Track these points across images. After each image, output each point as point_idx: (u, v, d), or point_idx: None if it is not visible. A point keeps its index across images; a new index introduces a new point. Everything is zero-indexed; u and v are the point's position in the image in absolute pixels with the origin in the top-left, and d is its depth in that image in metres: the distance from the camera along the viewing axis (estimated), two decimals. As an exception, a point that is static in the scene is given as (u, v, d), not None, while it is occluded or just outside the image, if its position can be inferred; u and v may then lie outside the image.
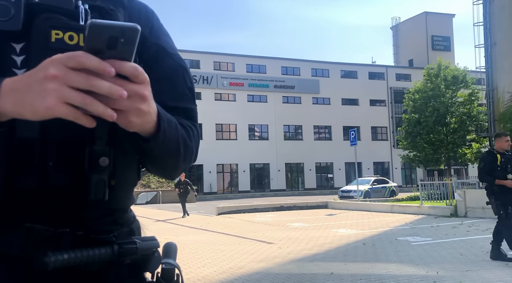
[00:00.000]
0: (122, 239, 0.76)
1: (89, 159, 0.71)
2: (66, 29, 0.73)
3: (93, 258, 0.71)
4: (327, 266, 6.14)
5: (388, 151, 44.03)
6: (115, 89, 0.61)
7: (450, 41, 50.86)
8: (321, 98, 42.69)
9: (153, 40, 0.89)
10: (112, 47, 0.61)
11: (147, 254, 0.78)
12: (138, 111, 0.65)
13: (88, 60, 0.60)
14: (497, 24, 22.23)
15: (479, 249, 7.10)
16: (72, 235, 0.73)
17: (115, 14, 0.81)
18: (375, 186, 25.46)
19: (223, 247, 8.21)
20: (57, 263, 0.67)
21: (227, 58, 40.02)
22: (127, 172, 0.81)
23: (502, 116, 21.20)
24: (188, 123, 0.88)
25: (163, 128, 0.74)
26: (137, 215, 0.92)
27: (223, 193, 37.60)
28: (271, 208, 17.47)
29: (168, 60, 0.90)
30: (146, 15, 0.91)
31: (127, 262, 0.76)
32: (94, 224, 0.76)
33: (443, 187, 14.76)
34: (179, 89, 0.91)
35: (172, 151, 0.80)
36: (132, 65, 0.63)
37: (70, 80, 0.60)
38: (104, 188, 0.72)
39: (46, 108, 0.60)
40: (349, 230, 10.35)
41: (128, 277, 0.80)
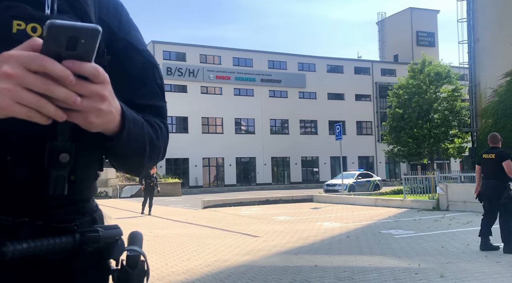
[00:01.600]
0: (84, 228, 0.76)
1: (49, 154, 0.69)
2: (29, 20, 0.71)
3: (53, 247, 0.70)
4: (311, 259, 6.20)
5: (373, 146, 44.49)
6: (71, 95, 0.61)
7: (434, 37, 51.43)
8: (308, 93, 42.82)
9: (122, 35, 0.87)
10: (72, 48, 0.60)
11: (110, 242, 0.78)
12: (97, 112, 0.65)
13: (52, 67, 0.59)
14: (480, 21, 22.55)
15: (460, 242, 7.26)
16: (31, 224, 0.72)
17: (77, 1, 0.78)
18: (359, 180, 25.74)
19: (209, 241, 8.23)
20: (16, 252, 0.66)
21: (214, 51, 39.77)
22: (89, 166, 0.81)
23: (484, 112, 21.58)
24: (157, 122, 0.87)
25: (127, 128, 0.74)
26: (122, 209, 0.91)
27: (209, 186, 37.55)
28: (257, 201, 17.53)
29: (138, 56, 0.88)
30: (115, 7, 0.88)
31: (89, 250, 0.76)
32: (56, 214, 0.75)
33: (426, 181, 15.00)
34: (149, 87, 0.89)
35: (137, 149, 0.80)
36: (91, 66, 0.62)
37: (26, 82, 0.58)
38: (63, 183, 0.71)
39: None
40: (333, 223, 10.46)
41: (92, 266, 0.80)
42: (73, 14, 0.76)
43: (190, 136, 37.33)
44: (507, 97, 20.40)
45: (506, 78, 20.50)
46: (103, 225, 0.82)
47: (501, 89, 20.67)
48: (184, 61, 38.12)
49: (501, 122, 20.15)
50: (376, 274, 5.18)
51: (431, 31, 51.21)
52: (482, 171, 6.62)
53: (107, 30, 0.82)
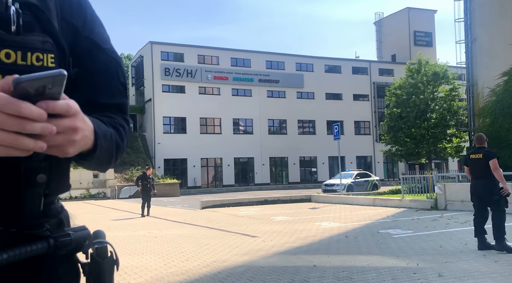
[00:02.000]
0: (55, 232, 0.78)
1: (26, 175, 0.71)
2: (2, 46, 0.71)
3: (30, 253, 0.72)
4: (310, 259, 6.21)
5: (371, 145, 44.53)
6: (46, 127, 0.63)
7: (432, 37, 51.52)
8: (305, 93, 42.83)
9: (86, 33, 0.87)
10: (40, 94, 0.62)
11: (80, 243, 0.81)
12: (72, 143, 0.68)
13: (28, 111, 0.60)
14: (477, 20, 22.61)
15: (458, 241, 7.28)
16: (6, 232, 0.74)
17: (46, 8, 0.78)
18: (357, 179, 25.75)
19: (207, 241, 8.22)
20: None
21: (212, 51, 39.75)
22: (61, 181, 0.84)
23: (482, 111, 21.63)
24: (121, 122, 0.89)
25: (100, 146, 0.76)
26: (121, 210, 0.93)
27: (207, 187, 37.53)
28: (255, 201, 17.53)
29: (102, 55, 0.89)
30: (78, 4, 0.87)
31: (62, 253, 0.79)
32: (25, 219, 0.76)
33: (424, 181, 15.03)
34: (113, 85, 0.91)
35: (106, 158, 0.84)
36: (62, 103, 0.64)
37: (2, 124, 0.60)
38: (39, 201, 0.74)
39: None
40: (332, 223, 10.47)
41: (62, 262, 0.82)
42: (38, 27, 0.76)
43: (188, 136, 37.31)
44: (504, 96, 20.45)
45: (503, 78, 20.56)
46: (72, 227, 0.84)
47: (498, 89, 20.73)
48: (182, 62, 38.09)
49: (498, 122, 20.20)
50: (375, 274, 5.19)
51: (428, 31, 51.29)
52: (470, 171, 6.70)
53: (71, 31, 0.83)
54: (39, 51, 0.74)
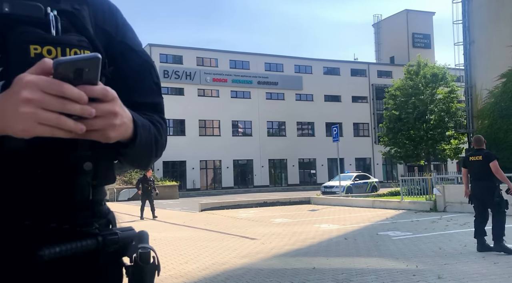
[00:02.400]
0: (103, 230, 0.83)
1: (74, 164, 0.77)
2: (43, 44, 0.77)
3: (81, 249, 0.78)
4: (309, 261, 6.20)
5: (370, 147, 44.55)
6: (85, 108, 0.67)
7: (430, 39, 51.63)
8: (304, 95, 42.86)
9: (119, 38, 0.93)
10: (79, 77, 0.67)
11: (127, 242, 0.86)
12: (113, 127, 0.72)
13: (70, 91, 0.66)
14: (475, 22, 22.67)
15: (457, 243, 7.28)
16: (59, 229, 0.79)
17: (81, 15, 0.85)
18: (357, 181, 25.76)
19: (206, 243, 8.21)
20: (50, 255, 0.74)
21: (210, 53, 39.78)
22: (107, 171, 0.88)
23: (480, 113, 21.66)
24: (158, 119, 0.94)
25: (139, 134, 0.81)
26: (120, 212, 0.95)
27: (206, 189, 37.49)
28: (254, 204, 17.52)
29: (135, 57, 0.95)
30: (110, 12, 0.94)
31: (110, 250, 0.84)
32: (77, 218, 0.82)
33: (423, 182, 15.03)
34: (147, 85, 0.96)
35: (147, 150, 0.88)
36: (99, 88, 0.69)
37: (46, 104, 0.65)
38: (88, 189, 0.80)
39: (22, 130, 0.65)
40: (331, 225, 10.47)
41: (108, 263, 0.87)
42: (74, 31, 0.83)
43: (187, 139, 37.29)
44: (502, 98, 20.49)
45: (501, 80, 20.60)
46: (119, 227, 0.89)
47: (496, 91, 20.76)
48: (181, 64, 38.11)
49: (497, 123, 20.23)
50: (374, 276, 5.19)
51: (427, 33, 51.41)
52: (469, 173, 6.71)
53: (105, 36, 0.90)
54: (76, 47, 0.81)
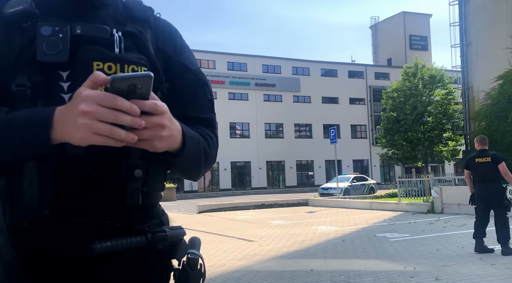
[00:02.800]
0: (153, 228, 0.89)
1: (126, 170, 0.85)
2: (105, 60, 0.86)
3: (131, 245, 0.84)
4: (307, 263, 6.19)
5: (367, 149, 44.61)
6: (136, 120, 0.74)
7: (427, 41, 51.81)
8: (302, 97, 42.91)
9: (177, 58, 1.02)
10: (132, 92, 0.74)
11: (176, 241, 0.92)
12: (160, 138, 0.79)
13: (122, 104, 0.72)
14: (472, 24, 22.76)
15: (454, 245, 7.29)
16: (111, 226, 0.86)
17: (143, 37, 0.94)
18: (354, 183, 25.78)
19: (204, 246, 8.15)
20: (102, 249, 0.81)
21: (208, 55, 39.80)
22: (157, 179, 0.94)
23: (477, 115, 21.73)
24: (208, 133, 1.01)
25: (187, 145, 0.88)
26: None
27: (204, 191, 37.45)
28: (252, 206, 17.50)
29: (190, 75, 1.03)
30: (170, 34, 1.03)
31: (159, 248, 0.90)
32: (130, 217, 0.88)
33: (421, 184, 15.06)
34: (200, 101, 1.04)
35: (195, 161, 0.94)
36: (150, 102, 0.76)
37: (100, 116, 0.72)
38: (138, 194, 0.86)
39: (80, 139, 0.74)
40: (329, 227, 10.46)
41: (158, 263, 0.93)
42: (136, 50, 0.92)
43: (185, 141, 37.25)
44: (499, 100, 20.57)
45: (498, 82, 20.68)
46: (169, 226, 0.95)
47: (493, 92, 20.84)
48: (179, 66, 38.12)
49: (494, 125, 20.30)
50: (372, 278, 5.19)
51: (424, 35, 51.59)
52: (473, 175, 6.63)
53: (163, 56, 0.99)
54: (134, 64, 0.89)
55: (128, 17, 0.95)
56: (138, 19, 0.95)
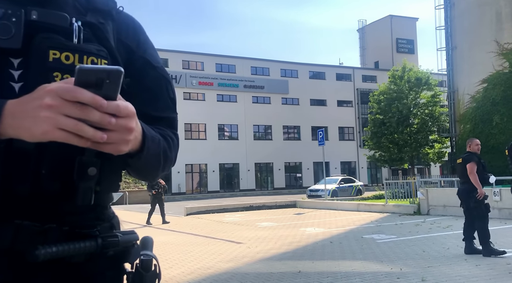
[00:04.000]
0: (104, 233, 0.84)
1: (79, 168, 0.77)
2: (62, 50, 0.81)
3: (79, 250, 0.79)
4: (295, 265, 6.21)
5: (355, 151, 44.93)
6: (104, 117, 0.69)
7: (413, 44, 52.42)
8: (290, 99, 43.06)
9: (140, 53, 0.97)
10: (99, 87, 0.68)
11: (128, 246, 0.87)
12: (126, 142, 0.74)
13: (82, 95, 0.67)
14: (457, 28, 23.11)
15: (440, 246, 7.37)
16: (58, 230, 0.80)
17: (104, 28, 0.89)
18: (342, 185, 25.92)
19: (192, 248, 8.16)
20: (47, 255, 0.75)
21: (196, 57, 39.69)
22: (112, 179, 0.89)
23: (463, 118, 22.05)
24: (169, 133, 0.96)
25: (147, 147, 0.83)
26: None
27: (192, 193, 37.28)
28: (240, 207, 17.48)
29: (153, 72, 0.98)
30: (133, 29, 0.99)
31: (110, 253, 0.84)
32: (79, 220, 0.83)
33: (407, 186, 15.21)
34: (162, 100, 0.99)
35: (154, 163, 0.89)
36: (116, 103, 0.70)
37: (64, 110, 0.67)
38: (90, 194, 0.80)
39: (41, 133, 0.68)
40: (316, 229, 10.50)
41: (110, 268, 0.87)
42: (96, 42, 0.87)
43: (173, 142, 37.05)
44: (484, 103, 20.90)
45: (483, 85, 21.02)
46: (121, 230, 0.90)
47: (478, 96, 21.17)
48: (166, 67, 37.86)
49: (478, 128, 20.62)
50: (359, 279, 5.22)
51: (410, 39, 52.19)
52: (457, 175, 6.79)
53: (126, 50, 0.95)
54: (94, 56, 0.84)
55: (89, 8, 0.90)
56: (99, 10, 0.91)
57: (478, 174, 6.28)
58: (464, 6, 22.44)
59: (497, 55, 20.58)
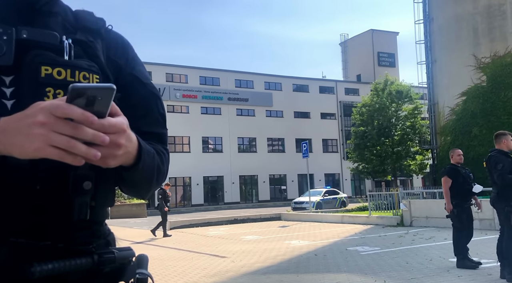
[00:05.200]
0: (100, 249, 0.84)
1: (74, 182, 0.78)
2: (54, 65, 0.82)
3: (75, 267, 0.78)
4: (279, 278, 6.17)
5: (338, 163, 45.24)
6: (98, 135, 0.69)
7: (394, 58, 53.47)
8: (275, 111, 43.28)
9: (129, 70, 0.98)
10: (91, 104, 0.69)
11: (124, 263, 0.86)
12: (114, 157, 0.74)
13: (72, 112, 0.67)
14: (436, 42, 23.70)
15: (423, 257, 7.43)
16: (53, 247, 0.80)
17: (94, 46, 0.91)
18: (326, 197, 26.02)
19: (175, 263, 8.04)
20: (42, 272, 0.74)
21: (180, 70, 39.67)
22: (107, 193, 0.89)
23: (443, 130, 22.49)
24: (161, 149, 0.97)
25: (143, 160, 0.83)
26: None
27: (175, 207, 36.85)
28: (225, 221, 17.35)
29: (142, 89, 0.99)
30: (122, 46, 1.01)
31: (106, 270, 0.83)
32: (75, 237, 0.83)
33: (390, 198, 15.35)
34: (152, 116, 1.00)
35: (148, 177, 0.90)
36: (107, 120, 0.71)
37: (57, 127, 0.67)
38: (86, 209, 0.80)
39: (34, 150, 0.68)
40: (301, 241, 10.48)
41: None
42: (86, 58, 0.89)
43: (156, 155, 36.70)
44: (463, 115, 21.37)
45: (462, 98, 21.51)
46: (117, 247, 0.90)
47: (458, 108, 21.65)
48: (150, 80, 37.73)
49: (458, 140, 21.03)
50: (343, 292, 5.21)
51: (391, 52, 53.24)
52: None
53: (115, 67, 0.97)
54: (85, 71, 0.86)
55: (79, 27, 0.92)
56: (88, 29, 0.93)
57: (458, 186, 6.33)
58: (443, 21, 23.07)
59: (475, 69, 21.15)
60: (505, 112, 20.02)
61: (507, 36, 20.80)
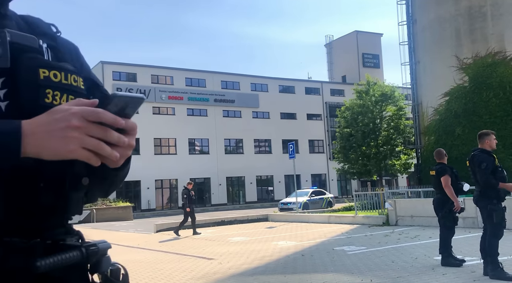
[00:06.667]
0: (84, 243, 0.88)
1: (72, 178, 0.82)
2: (50, 68, 0.85)
3: (70, 260, 0.82)
4: (267, 279, 6.18)
5: (325, 163, 45.51)
6: (122, 138, 0.77)
7: (379, 59, 54.07)
8: (261, 112, 43.32)
9: (85, 74, 1.00)
10: (122, 110, 0.77)
11: (103, 255, 0.90)
12: (125, 156, 0.80)
13: (106, 117, 0.74)
14: (420, 44, 24.03)
15: (408, 256, 7.52)
16: (43, 244, 0.82)
17: (58, 51, 0.94)
18: (313, 197, 26.13)
19: (162, 265, 7.99)
20: (46, 266, 0.78)
21: (166, 71, 39.43)
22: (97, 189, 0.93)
23: (427, 130, 22.80)
24: None
25: (130, 159, 0.89)
26: None
27: (162, 209, 36.61)
28: (212, 222, 17.30)
29: (98, 92, 1.03)
30: (75, 51, 1.04)
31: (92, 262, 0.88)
32: (55, 234, 0.85)
33: (376, 197, 15.50)
34: None
35: (125, 175, 0.96)
36: (132, 122, 0.79)
37: (90, 131, 0.73)
38: (82, 204, 0.85)
39: (68, 152, 0.73)
40: (288, 242, 10.51)
41: (79, 279, 0.89)
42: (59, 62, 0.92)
43: (142, 158, 36.40)
44: (446, 116, 21.70)
45: (445, 98, 21.85)
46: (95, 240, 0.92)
47: (441, 108, 21.98)
48: (135, 82, 37.44)
49: (442, 139, 21.35)
50: (331, 292, 5.24)
51: (375, 53, 53.83)
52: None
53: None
54: (74, 74, 0.89)
55: (37, 33, 0.91)
56: (45, 33, 0.93)
57: (452, 185, 6.44)
58: (426, 23, 23.40)
59: (458, 70, 21.50)
60: (486, 112, 20.39)
61: (488, 37, 21.19)
